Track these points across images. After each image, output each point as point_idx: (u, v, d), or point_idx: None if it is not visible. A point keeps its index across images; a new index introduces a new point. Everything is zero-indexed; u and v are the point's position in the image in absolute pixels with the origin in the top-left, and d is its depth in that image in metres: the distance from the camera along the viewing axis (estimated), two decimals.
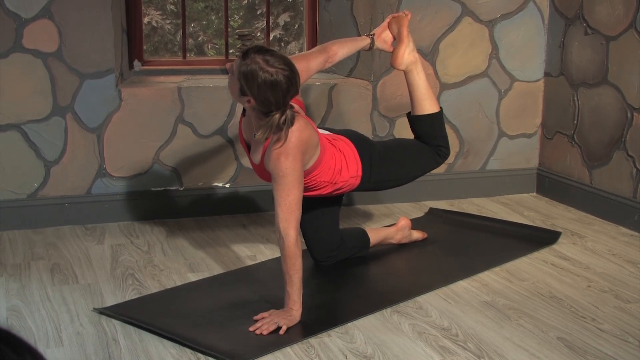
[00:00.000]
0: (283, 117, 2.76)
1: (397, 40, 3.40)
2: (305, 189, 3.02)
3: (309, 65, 3.17)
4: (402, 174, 3.37)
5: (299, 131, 2.82)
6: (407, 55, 3.37)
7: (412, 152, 3.40)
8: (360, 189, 3.26)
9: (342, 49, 3.28)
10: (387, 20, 3.42)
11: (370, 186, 3.28)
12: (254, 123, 2.88)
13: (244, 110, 2.95)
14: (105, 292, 3.13)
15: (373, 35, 3.38)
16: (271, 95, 2.74)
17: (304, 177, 2.96)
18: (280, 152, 2.79)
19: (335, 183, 3.11)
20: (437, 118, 3.42)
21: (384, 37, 3.41)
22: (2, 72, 3.73)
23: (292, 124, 2.79)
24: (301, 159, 2.83)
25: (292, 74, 2.76)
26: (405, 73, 3.41)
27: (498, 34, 4.41)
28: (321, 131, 3.17)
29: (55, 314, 2.92)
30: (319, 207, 3.30)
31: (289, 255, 2.77)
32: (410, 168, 3.39)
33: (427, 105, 3.41)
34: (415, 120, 3.44)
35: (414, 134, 3.47)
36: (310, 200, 3.25)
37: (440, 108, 3.45)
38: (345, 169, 3.12)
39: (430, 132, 3.41)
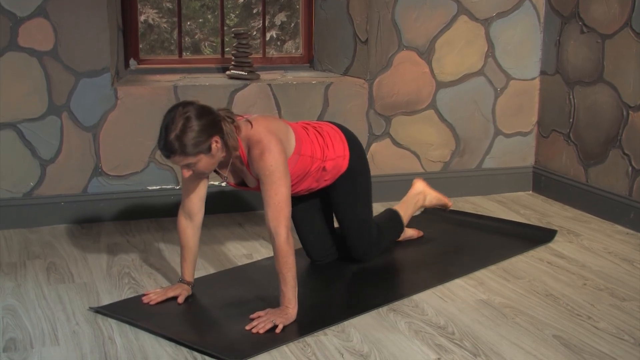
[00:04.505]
0: (226, 120, 2.82)
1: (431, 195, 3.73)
2: (297, 177, 3.03)
3: None
4: (369, 198, 3.38)
5: (262, 126, 2.89)
6: (423, 191, 3.69)
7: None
8: (347, 175, 3.24)
9: None
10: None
11: (356, 178, 3.28)
12: (223, 160, 2.93)
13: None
14: (101, 291, 3.13)
15: None
16: (205, 118, 2.77)
17: (295, 164, 2.98)
18: (262, 150, 2.83)
19: (324, 159, 3.11)
20: (396, 220, 3.56)
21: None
22: None
23: (233, 115, 2.86)
24: (281, 148, 2.86)
25: (183, 102, 2.81)
26: (413, 188, 3.70)
27: (494, 32, 4.42)
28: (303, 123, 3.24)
29: (51, 312, 2.92)
30: (312, 208, 3.31)
31: (281, 253, 2.78)
32: (369, 205, 3.40)
33: (402, 212, 3.58)
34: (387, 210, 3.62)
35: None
36: (303, 201, 3.26)
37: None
38: (330, 145, 3.16)
39: (382, 218, 3.53)
